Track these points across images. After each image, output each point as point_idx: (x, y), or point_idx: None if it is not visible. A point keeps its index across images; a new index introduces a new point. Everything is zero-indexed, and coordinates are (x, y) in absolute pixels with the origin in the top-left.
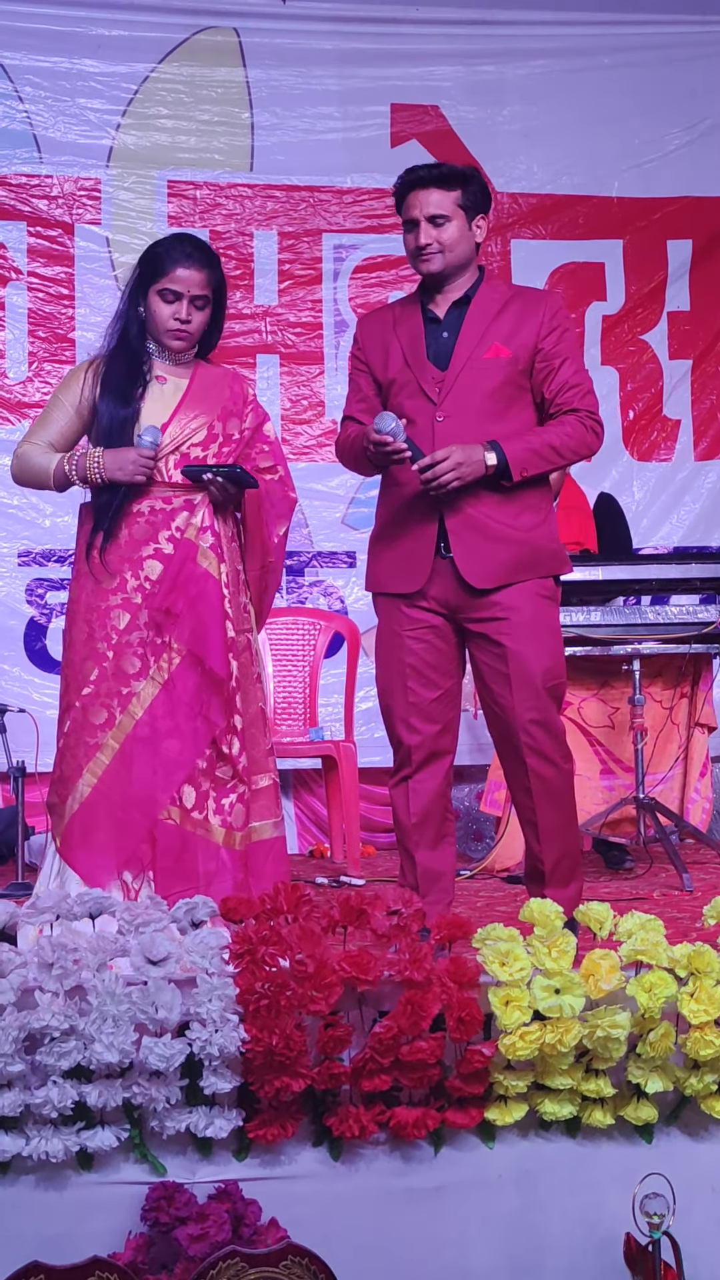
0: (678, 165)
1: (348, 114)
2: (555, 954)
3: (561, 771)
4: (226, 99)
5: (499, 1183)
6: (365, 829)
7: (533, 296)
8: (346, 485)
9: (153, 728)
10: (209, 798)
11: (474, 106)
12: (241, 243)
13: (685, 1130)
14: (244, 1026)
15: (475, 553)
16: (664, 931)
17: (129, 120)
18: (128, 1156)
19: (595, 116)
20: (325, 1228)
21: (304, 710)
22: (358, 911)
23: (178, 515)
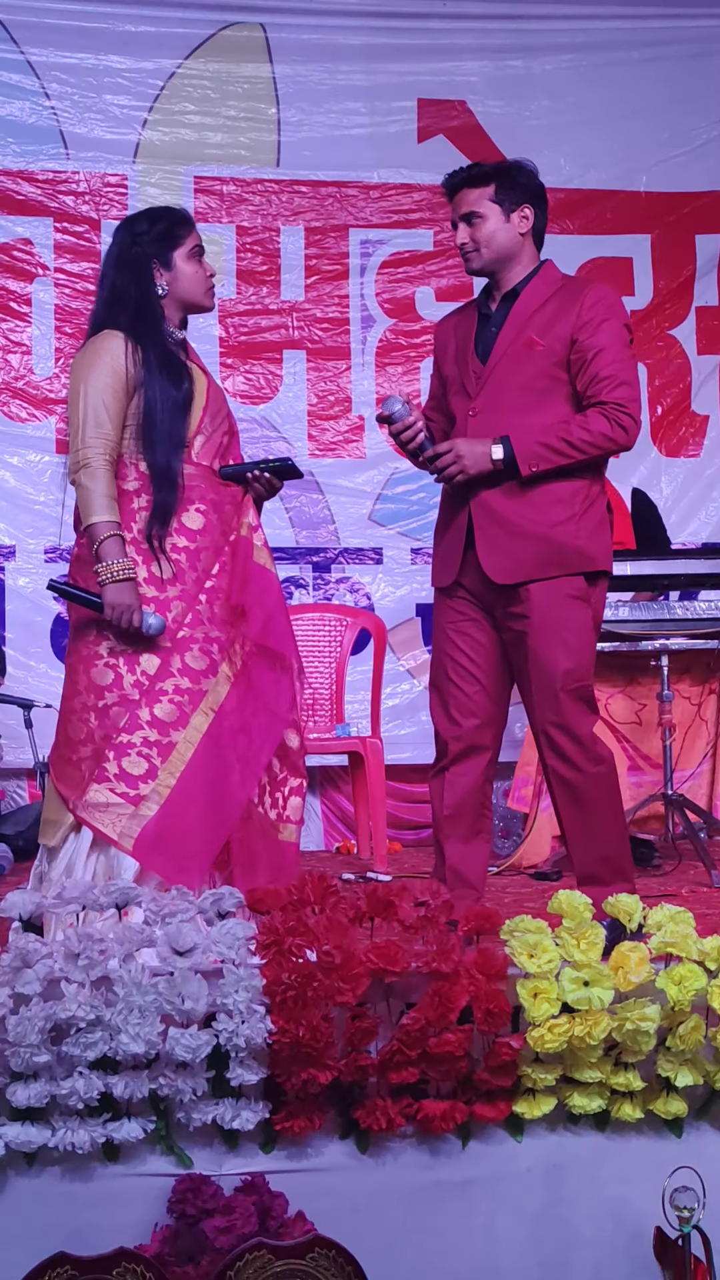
0: (706, 159)
1: (374, 109)
2: (584, 946)
3: (587, 775)
4: (253, 94)
5: (527, 1176)
6: (392, 825)
7: (575, 287)
8: (373, 481)
9: (226, 725)
10: (266, 792)
11: (501, 101)
12: (268, 238)
13: (715, 1125)
14: (271, 1018)
15: (496, 548)
16: (694, 924)
17: (155, 116)
18: (154, 1148)
19: (623, 111)
20: (352, 1221)
21: (330, 707)
22: (385, 903)
23: (224, 509)
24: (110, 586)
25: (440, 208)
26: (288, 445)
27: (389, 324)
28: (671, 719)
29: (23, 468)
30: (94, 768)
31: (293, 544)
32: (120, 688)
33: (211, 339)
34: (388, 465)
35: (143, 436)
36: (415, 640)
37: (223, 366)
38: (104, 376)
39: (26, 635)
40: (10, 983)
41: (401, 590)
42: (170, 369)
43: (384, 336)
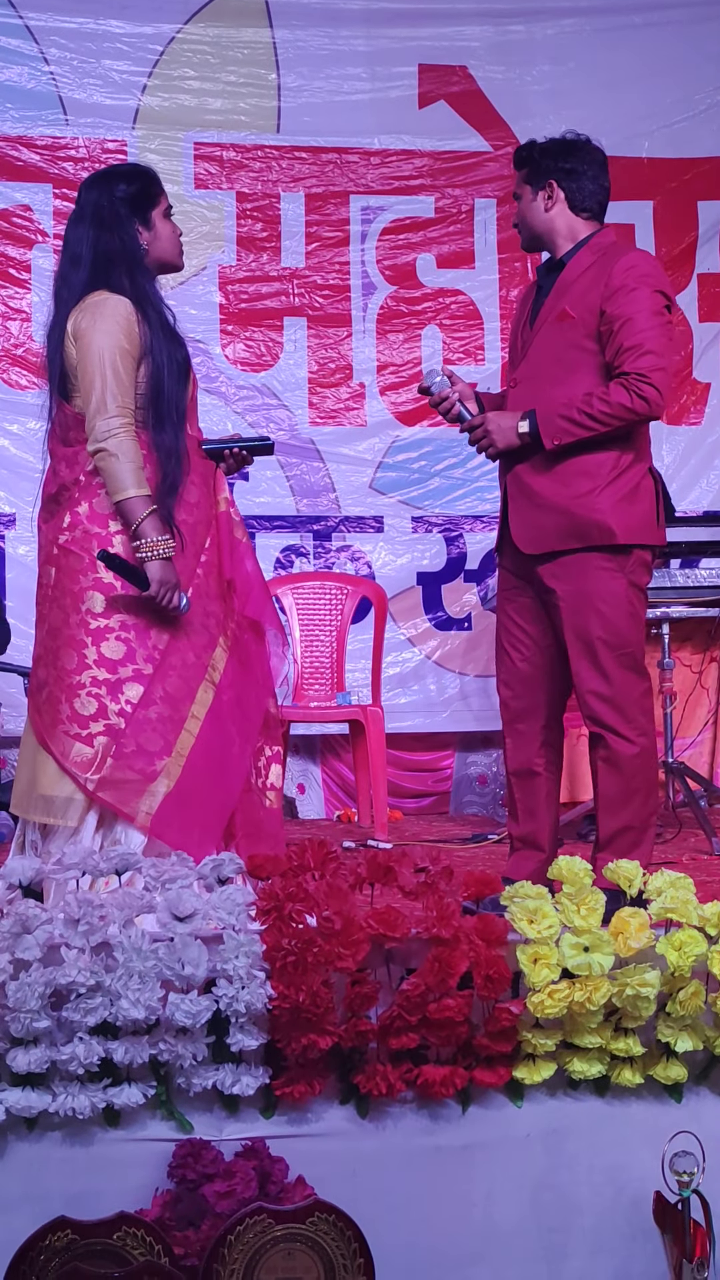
0: (709, 125)
1: (375, 75)
2: (584, 911)
3: (630, 744)
4: (253, 60)
5: (527, 1142)
6: (392, 794)
7: (611, 255)
8: (374, 449)
9: (226, 698)
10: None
11: (503, 67)
12: (268, 204)
13: (715, 1090)
14: (271, 983)
15: (523, 519)
16: (694, 890)
17: (155, 82)
18: (154, 1113)
19: (625, 76)
20: (352, 1185)
21: (331, 675)
22: (385, 869)
23: (210, 482)
24: (155, 564)
25: (441, 174)
26: (289, 413)
27: (390, 291)
28: (672, 687)
29: (23, 435)
30: (110, 744)
31: (293, 512)
32: (134, 661)
33: (211, 306)
34: (389, 433)
35: (151, 406)
36: (416, 609)
37: (223, 333)
38: (121, 340)
39: (27, 604)
40: (10, 948)
41: (402, 559)
42: (170, 334)
43: (385, 303)
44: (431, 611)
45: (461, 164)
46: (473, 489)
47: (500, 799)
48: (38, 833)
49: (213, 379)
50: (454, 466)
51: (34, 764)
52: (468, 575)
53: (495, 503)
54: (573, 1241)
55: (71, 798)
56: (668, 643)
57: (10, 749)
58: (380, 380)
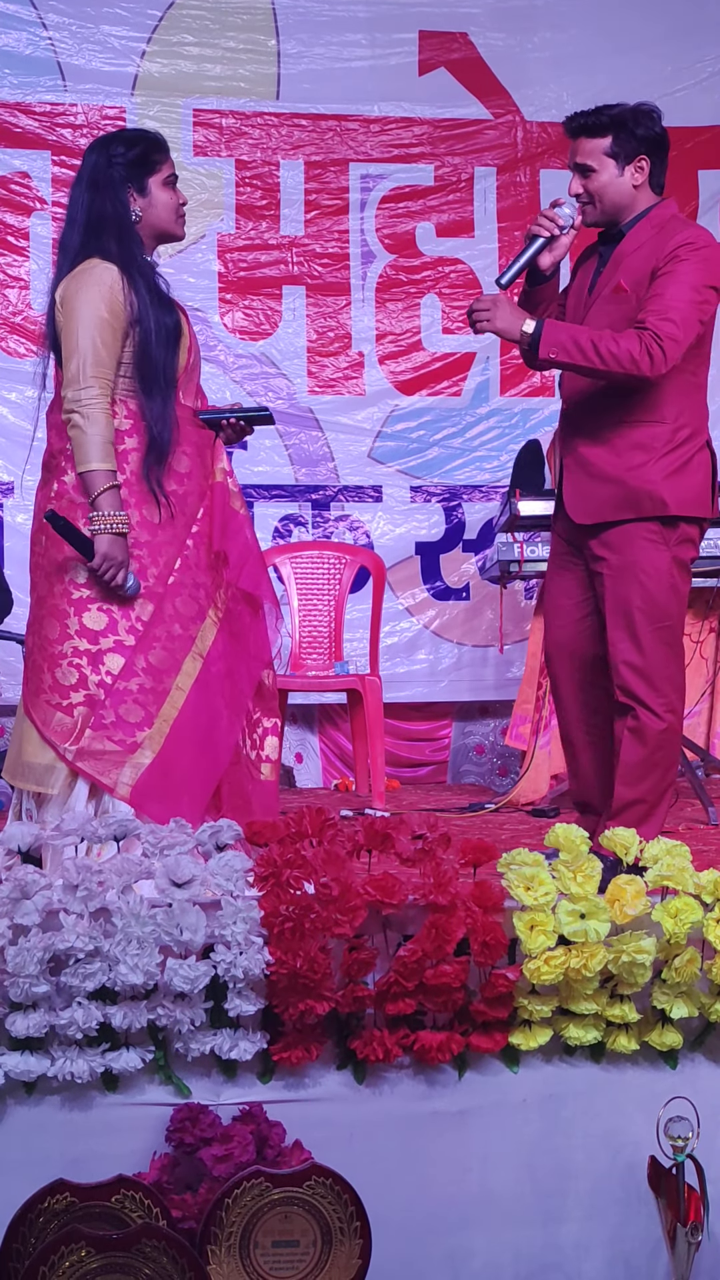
0: (711, 93)
1: (375, 41)
2: (580, 879)
3: (658, 719)
4: (252, 26)
5: (523, 1107)
6: (390, 763)
7: (670, 229)
8: (373, 419)
9: (214, 670)
10: (245, 733)
11: (503, 34)
12: (268, 172)
13: (710, 1056)
14: (268, 949)
15: (578, 489)
16: (690, 857)
17: (154, 48)
18: (152, 1078)
19: (626, 44)
20: (349, 1150)
21: (329, 644)
22: (382, 836)
23: (205, 452)
24: (104, 537)
25: (441, 142)
26: (287, 382)
27: (389, 259)
28: None
29: (21, 404)
30: (89, 715)
31: (292, 481)
32: (115, 633)
33: (210, 274)
34: (387, 403)
35: (138, 373)
36: (414, 579)
37: (221, 302)
38: (102, 310)
39: (25, 572)
40: (9, 914)
41: (401, 528)
42: (160, 300)
43: (384, 272)
44: (430, 581)
45: (461, 132)
46: (471, 459)
47: (498, 768)
48: (32, 801)
49: (211, 347)
50: (452, 436)
51: (20, 732)
52: (466, 545)
53: (495, 472)
54: (568, 1206)
55: (52, 766)
56: None
57: (9, 717)
58: (379, 349)
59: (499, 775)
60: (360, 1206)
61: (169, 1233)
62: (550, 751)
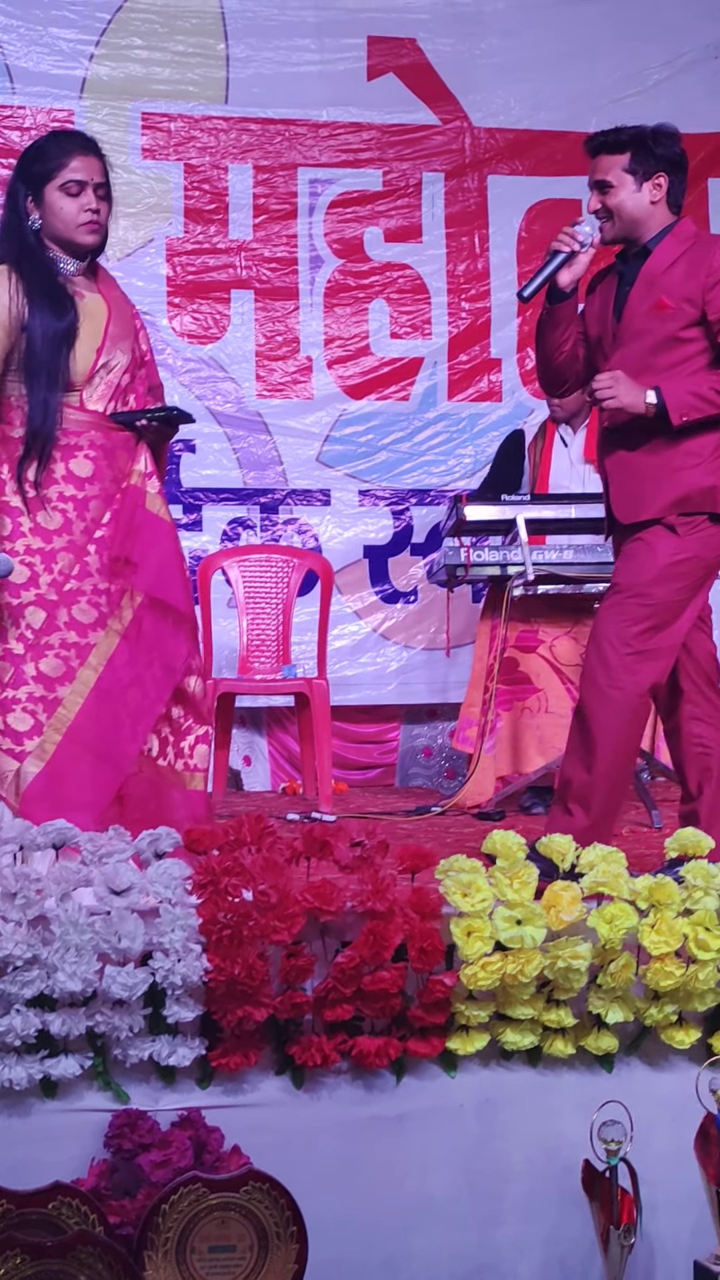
0: (657, 100)
1: (324, 46)
2: (517, 885)
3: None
4: (201, 30)
5: (460, 1111)
6: (338, 766)
7: (707, 245)
8: (321, 423)
9: (115, 679)
10: (169, 743)
11: (452, 39)
12: (216, 176)
13: (645, 1060)
14: (207, 956)
15: (623, 492)
16: (625, 864)
17: (102, 51)
18: (91, 1084)
19: (574, 50)
20: (287, 1155)
21: (277, 648)
22: (321, 843)
23: (116, 456)
24: None
25: (390, 147)
26: (236, 385)
27: (338, 264)
28: None
29: None
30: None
31: (240, 485)
32: (4, 641)
33: (159, 278)
34: (336, 406)
35: (24, 371)
36: (362, 582)
37: (170, 305)
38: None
39: None
40: None
41: (349, 532)
42: (53, 301)
43: (333, 277)
44: (378, 585)
45: (410, 137)
46: (419, 463)
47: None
48: None
49: (159, 351)
50: (400, 440)
51: None
52: (414, 549)
53: (443, 476)
54: (504, 1209)
55: None
56: None
57: None
58: (328, 353)
59: (446, 778)
60: (297, 1211)
61: (105, 1239)
62: (496, 754)
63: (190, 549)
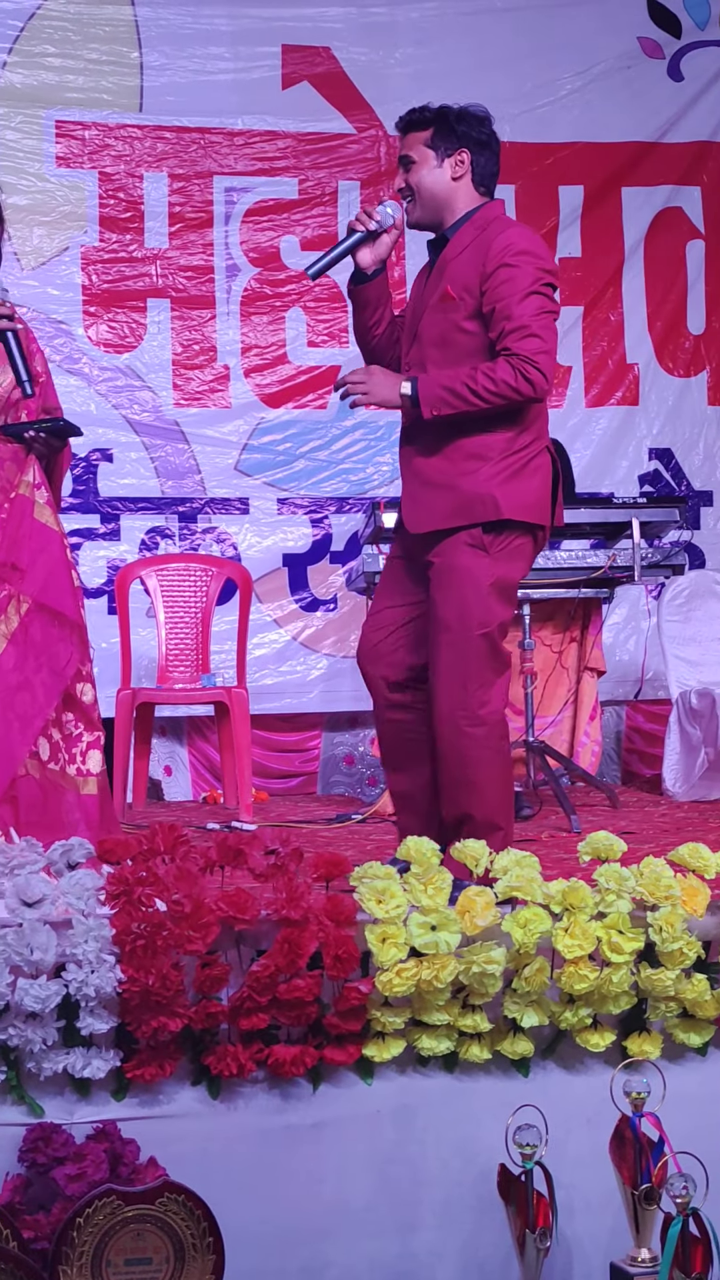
0: (570, 110)
1: (239, 54)
2: (431, 891)
3: (456, 733)
4: (115, 37)
5: (377, 1118)
6: (259, 774)
7: (491, 232)
8: (239, 431)
9: (3, 682)
10: (60, 748)
11: (366, 48)
12: (131, 184)
13: (561, 1063)
14: (120, 967)
15: (412, 498)
16: (539, 868)
17: (15, 58)
18: (4, 1098)
19: (487, 60)
20: (204, 1166)
21: (196, 657)
22: (235, 851)
23: (4, 466)
24: None
25: (305, 155)
26: (153, 394)
27: (254, 273)
28: (533, 667)
29: None
30: None
31: (158, 494)
32: None
33: (74, 286)
34: (253, 415)
35: None
36: (281, 590)
37: (85, 314)
38: None
39: None
40: None
41: (268, 540)
42: None
43: (249, 285)
44: (297, 593)
45: (325, 145)
46: (337, 471)
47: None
48: None
49: (75, 360)
50: (319, 449)
51: None
52: (333, 557)
53: (361, 484)
54: (422, 1215)
55: None
56: (528, 623)
57: None
58: (245, 362)
59: (368, 785)
60: (213, 1222)
61: (17, 1254)
62: None
63: (108, 558)
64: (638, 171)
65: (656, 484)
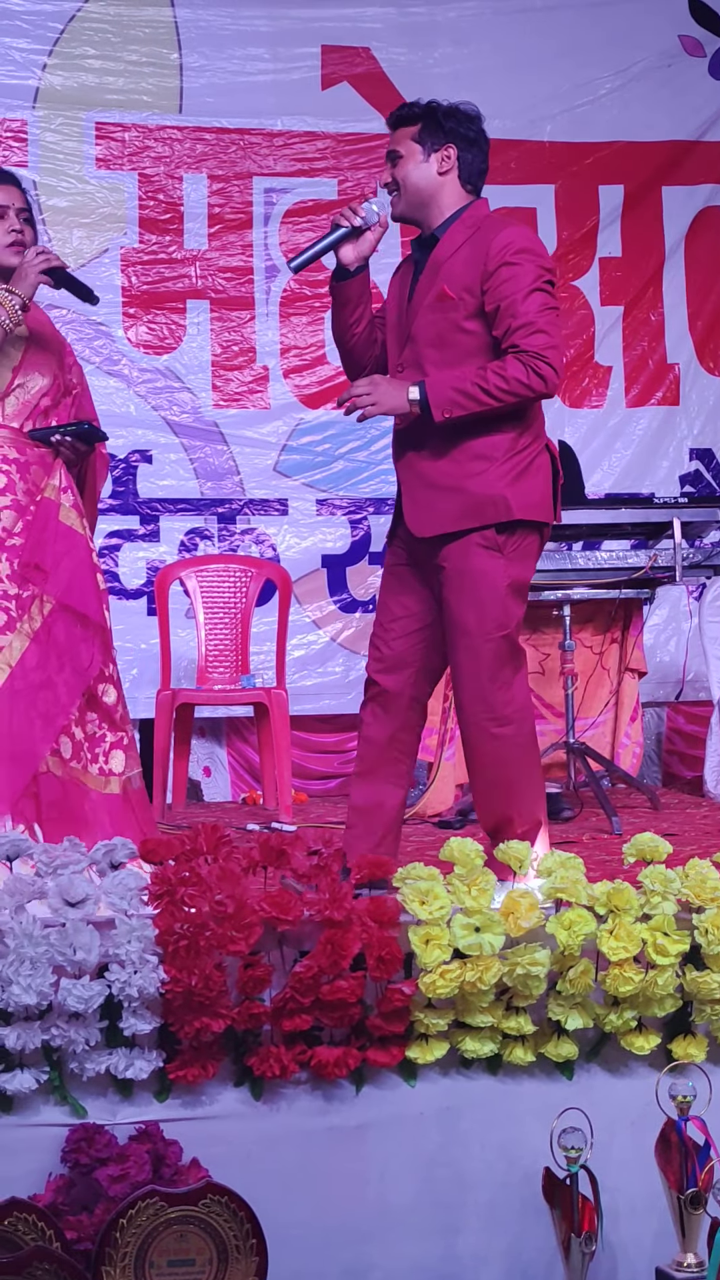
0: (609, 110)
1: (278, 55)
2: (475, 892)
3: (487, 735)
4: (154, 39)
5: (420, 1120)
6: (298, 776)
7: (489, 230)
8: (278, 432)
9: (26, 680)
10: (82, 748)
11: (405, 49)
12: (171, 186)
13: (605, 1066)
14: (163, 967)
15: (417, 502)
16: (584, 870)
17: (55, 60)
18: (48, 1099)
19: (527, 60)
20: (247, 1167)
21: (236, 658)
22: (278, 852)
23: (31, 470)
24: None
25: (344, 155)
26: (192, 395)
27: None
28: (574, 668)
29: None
30: None
31: (197, 495)
32: None
33: (114, 288)
34: (292, 416)
35: None
36: (320, 591)
37: (125, 316)
38: None
39: None
40: None
41: (306, 541)
42: None
43: (288, 286)
44: (336, 594)
45: (364, 146)
46: (376, 472)
47: None
48: None
49: (115, 361)
50: (357, 450)
51: None
52: (372, 558)
53: None
54: (465, 1218)
55: None
56: (569, 624)
57: None
58: (284, 363)
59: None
60: (256, 1223)
61: (61, 1255)
62: (455, 762)
63: (148, 559)
64: (678, 170)
65: (698, 484)
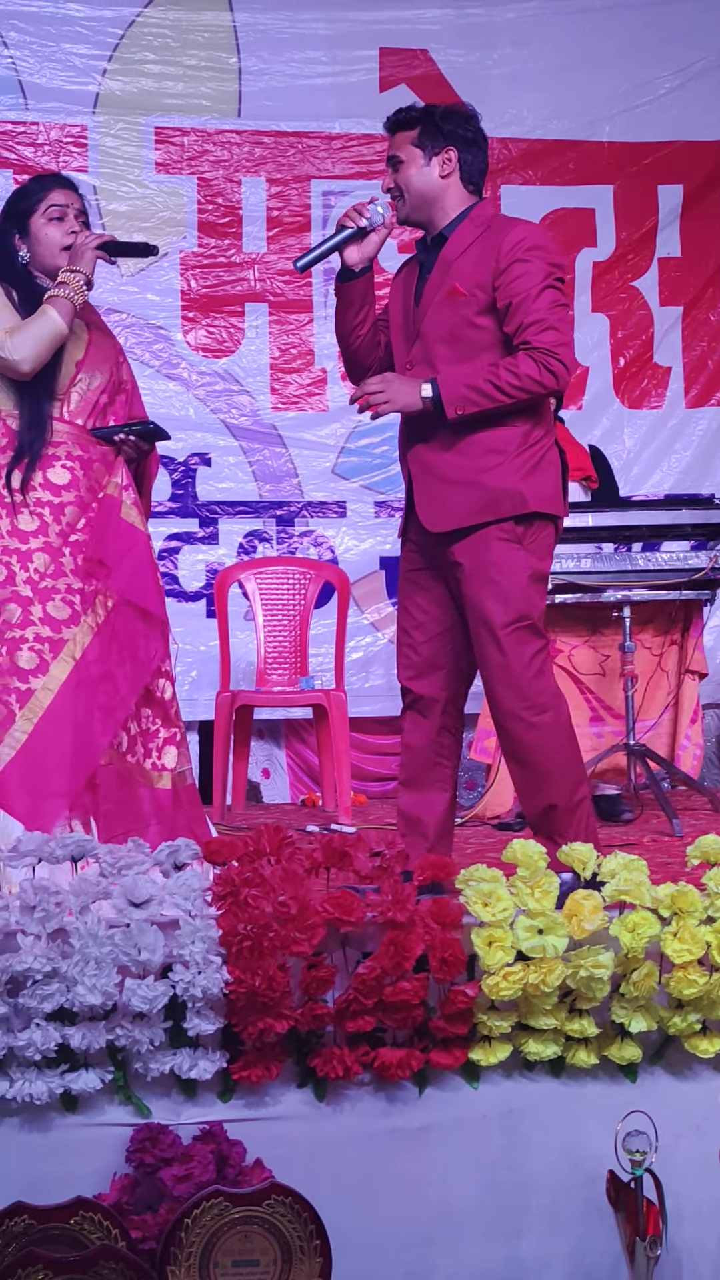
0: (669, 109)
1: (336, 58)
2: (538, 894)
3: (526, 724)
4: (213, 43)
5: (483, 1122)
6: (357, 778)
7: (499, 228)
8: (336, 435)
9: (89, 673)
10: (137, 742)
11: (463, 50)
12: (229, 190)
13: (669, 1069)
14: (227, 968)
15: (430, 497)
16: (647, 872)
17: (115, 66)
18: (112, 1098)
19: (586, 60)
20: (310, 1168)
21: (294, 660)
22: (340, 853)
23: (94, 467)
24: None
25: None
26: (250, 399)
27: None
28: (633, 670)
29: None
30: None
31: (256, 498)
32: None
33: (174, 292)
34: (350, 419)
35: (13, 383)
36: (379, 593)
37: (184, 320)
38: None
39: None
40: None
41: (365, 543)
42: None
43: None
44: (394, 596)
45: None
46: None
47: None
48: None
49: (174, 365)
50: None
51: None
52: None
53: None
54: (529, 1221)
55: None
56: (629, 626)
57: None
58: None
59: (466, 789)
60: (320, 1224)
61: (127, 1254)
62: None
63: (206, 562)
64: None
65: None
